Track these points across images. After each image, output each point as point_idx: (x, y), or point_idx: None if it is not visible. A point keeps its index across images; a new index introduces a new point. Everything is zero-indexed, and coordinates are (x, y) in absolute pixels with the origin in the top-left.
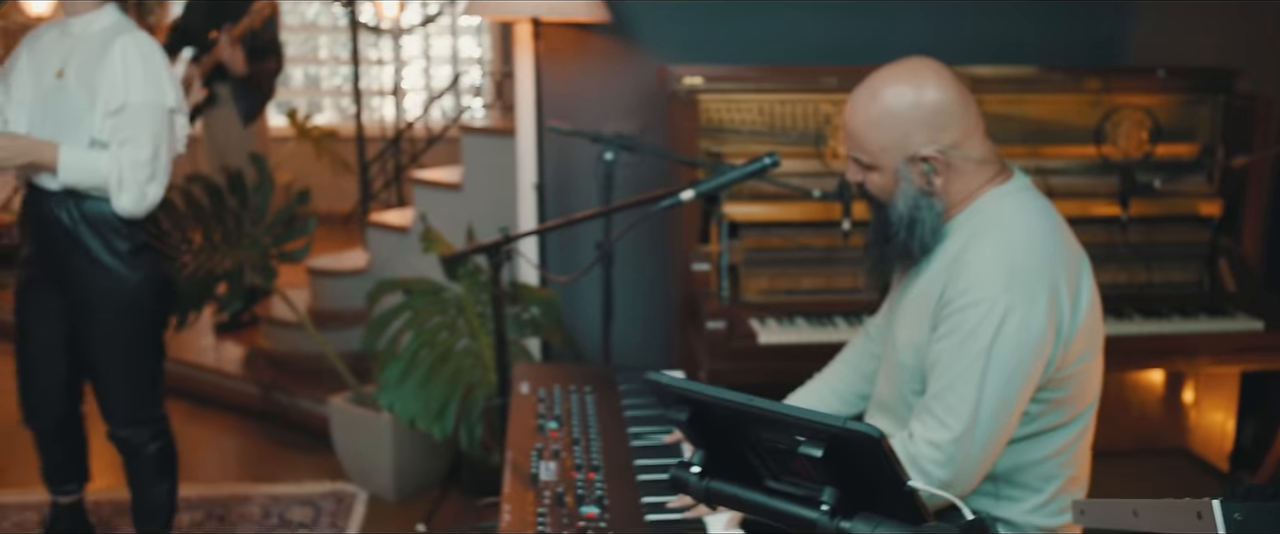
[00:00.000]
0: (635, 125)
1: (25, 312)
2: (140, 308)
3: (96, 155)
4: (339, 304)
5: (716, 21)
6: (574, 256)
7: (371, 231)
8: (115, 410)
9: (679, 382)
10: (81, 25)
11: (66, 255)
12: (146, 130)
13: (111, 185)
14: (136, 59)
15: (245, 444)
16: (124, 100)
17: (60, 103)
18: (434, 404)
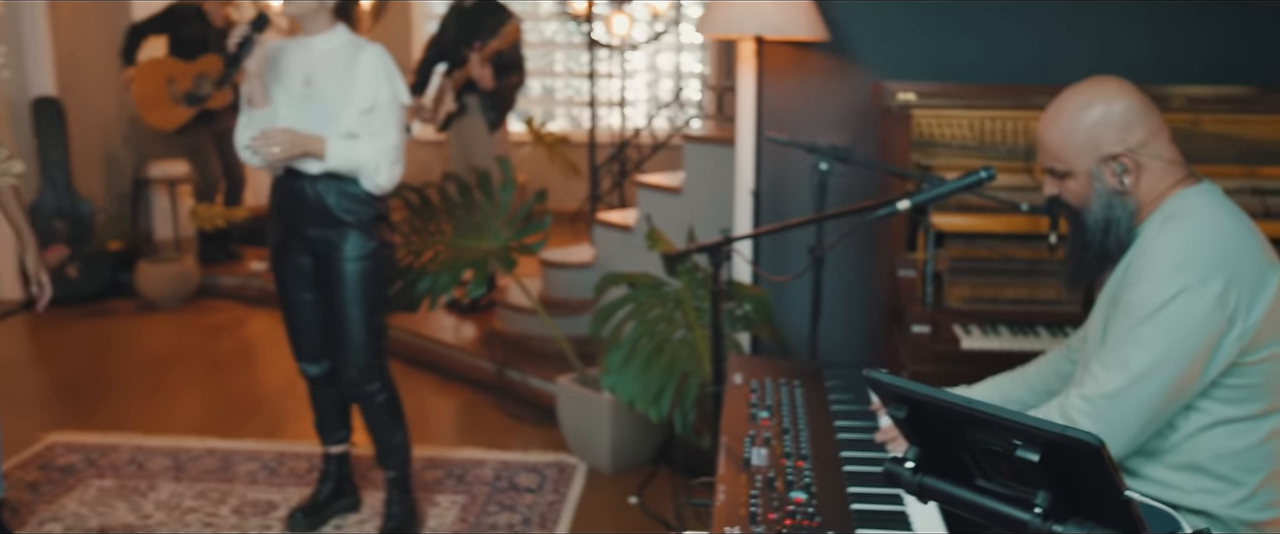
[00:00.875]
0: (847, 138)
1: (284, 279)
2: (377, 268)
3: (354, 144)
4: (567, 293)
5: (929, 41)
6: (784, 258)
7: (598, 229)
8: (352, 360)
9: (899, 381)
10: (321, 41)
11: (322, 227)
12: (392, 123)
13: (367, 168)
14: (382, 67)
15: (480, 414)
16: (375, 99)
17: (311, 104)
18: (652, 388)
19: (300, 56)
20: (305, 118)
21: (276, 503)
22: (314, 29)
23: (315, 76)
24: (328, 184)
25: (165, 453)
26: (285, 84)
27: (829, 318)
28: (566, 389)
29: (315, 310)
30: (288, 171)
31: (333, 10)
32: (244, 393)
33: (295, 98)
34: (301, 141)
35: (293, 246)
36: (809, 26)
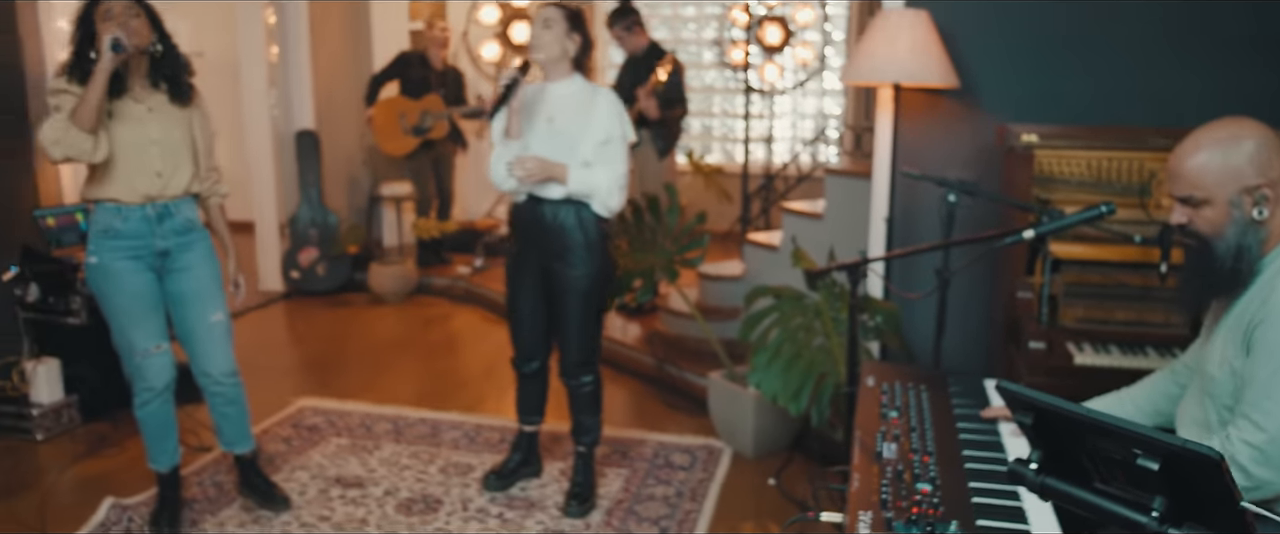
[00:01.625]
0: (973, 173)
1: (517, 289)
2: (600, 281)
3: (591, 171)
4: (720, 301)
5: (1049, 85)
6: (913, 277)
7: (747, 248)
8: (573, 357)
9: (1027, 390)
10: (561, 86)
11: (557, 244)
12: (622, 155)
13: (601, 192)
14: (616, 107)
15: (643, 402)
16: (610, 133)
17: (553, 139)
18: (792, 386)
19: (544, 99)
20: (548, 149)
21: (474, 466)
22: (555, 76)
23: (556, 116)
24: (566, 208)
25: (388, 419)
26: (532, 122)
27: (951, 331)
28: (717, 383)
29: (539, 318)
30: (529, 196)
31: (572, 61)
32: (450, 374)
33: (539, 133)
34: (549, 167)
35: (529, 261)
36: (942, 74)
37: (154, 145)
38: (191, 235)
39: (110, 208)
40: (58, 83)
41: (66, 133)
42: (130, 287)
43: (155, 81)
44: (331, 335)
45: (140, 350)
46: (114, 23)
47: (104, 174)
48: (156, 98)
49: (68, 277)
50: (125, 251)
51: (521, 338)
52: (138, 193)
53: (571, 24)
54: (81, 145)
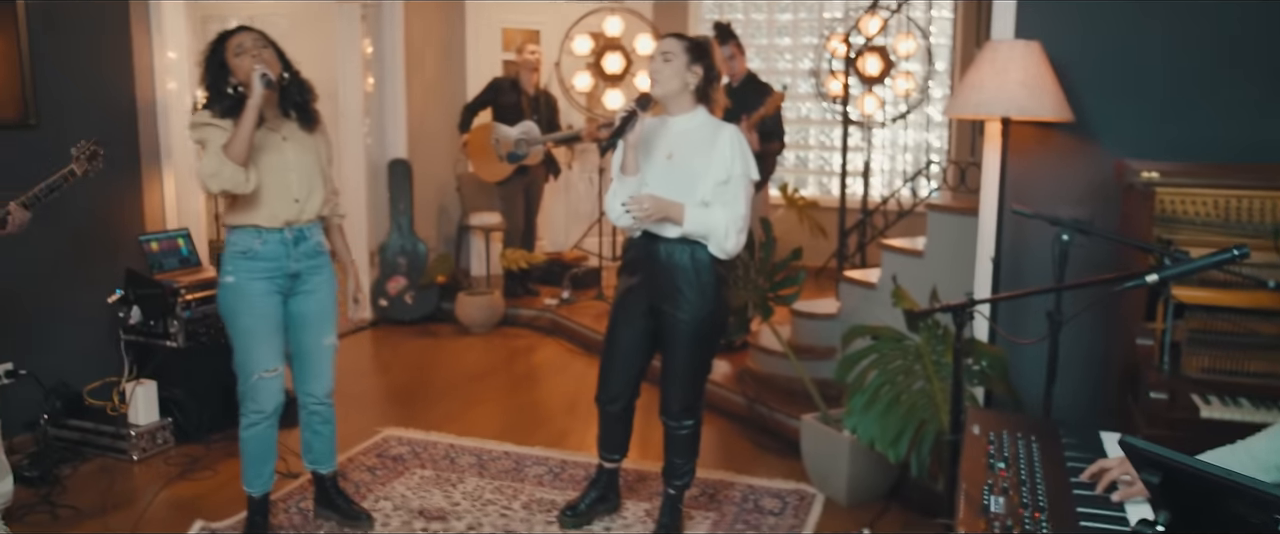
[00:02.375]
0: (1086, 211)
1: (619, 323)
2: (711, 325)
3: (708, 211)
4: (813, 340)
5: (1171, 121)
6: (1021, 319)
7: (843, 285)
8: (675, 399)
9: (1155, 448)
10: (682, 121)
11: (669, 285)
12: (742, 195)
13: (718, 233)
14: (738, 145)
15: (732, 442)
16: (730, 173)
17: (672, 176)
18: (891, 432)
19: (663, 134)
20: (666, 187)
21: (557, 502)
22: (676, 110)
23: (676, 151)
24: (681, 248)
25: (472, 452)
26: (651, 157)
27: (1063, 379)
28: (810, 426)
29: (636, 359)
30: (645, 234)
31: (695, 94)
32: (534, 407)
33: (658, 169)
34: (664, 206)
35: (638, 299)
36: (1055, 108)
37: (292, 172)
38: (320, 258)
39: (250, 231)
40: (200, 117)
41: (222, 166)
42: (260, 307)
43: (285, 110)
44: (417, 365)
45: (259, 371)
46: (248, 56)
47: (247, 202)
48: (289, 126)
49: (168, 301)
50: (261, 273)
51: (612, 376)
52: (278, 218)
53: (693, 56)
54: (236, 178)
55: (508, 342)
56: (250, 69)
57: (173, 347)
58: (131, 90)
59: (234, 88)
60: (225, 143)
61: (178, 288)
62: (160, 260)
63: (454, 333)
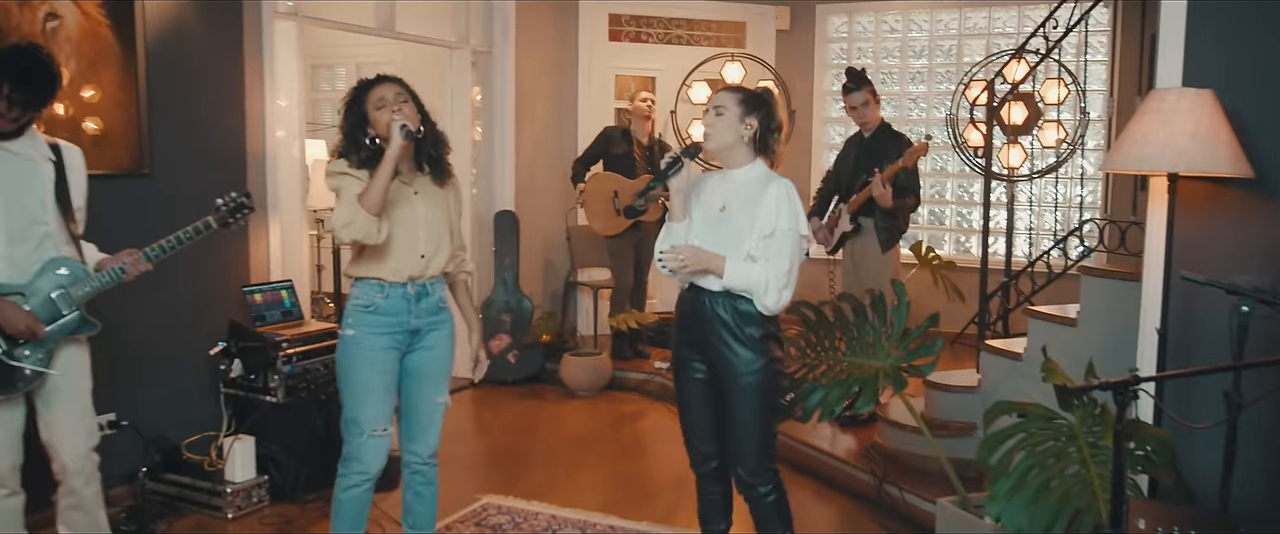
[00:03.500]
0: (1269, 279)
1: (682, 380)
2: (766, 381)
3: (750, 266)
4: (949, 415)
5: None
6: (1191, 399)
7: (984, 355)
8: (745, 464)
9: None
10: (740, 174)
11: (717, 338)
12: (787, 251)
13: (759, 288)
14: (785, 198)
15: (857, 525)
16: (774, 226)
17: (724, 228)
18: (1041, 522)
19: (721, 186)
20: (717, 240)
21: None
22: (733, 163)
23: (730, 204)
24: (726, 301)
25: (575, 524)
26: (705, 208)
27: (1243, 468)
28: (947, 511)
29: (707, 413)
30: (691, 286)
31: (751, 146)
32: (641, 478)
33: (712, 221)
34: (704, 259)
35: (691, 354)
36: (1231, 162)
37: (421, 226)
38: (442, 314)
39: (374, 285)
40: (337, 166)
41: (356, 215)
42: (377, 363)
43: (419, 163)
44: (519, 428)
45: (368, 430)
46: (389, 109)
47: (373, 254)
48: (421, 179)
49: (270, 354)
50: (382, 328)
51: (691, 434)
52: (402, 273)
53: (747, 108)
54: (369, 228)
55: (614, 406)
56: (389, 122)
57: (272, 401)
58: (242, 138)
59: (371, 140)
60: (361, 192)
61: (280, 341)
62: (263, 312)
63: (558, 395)
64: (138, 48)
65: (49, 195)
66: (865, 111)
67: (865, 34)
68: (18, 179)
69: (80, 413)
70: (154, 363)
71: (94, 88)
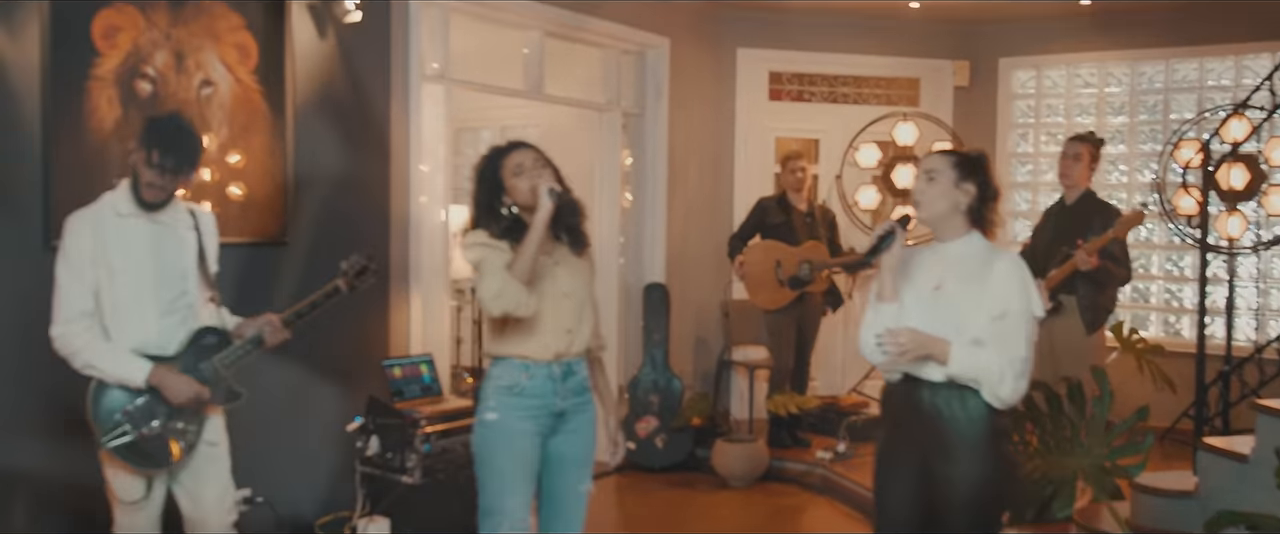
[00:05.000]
0: None
1: (886, 482)
2: (990, 490)
3: (979, 351)
4: (1162, 523)
5: None
6: None
7: (1202, 455)
8: None
9: None
10: (955, 247)
11: (936, 438)
12: (1022, 334)
13: (991, 377)
14: (1017, 275)
15: None
16: (1006, 307)
17: (939, 308)
18: None
19: (932, 261)
20: (932, 321)
21: None
22: (947, 235)
23: (945, 281)
24: (948, 393)
25: None
26: (915, 286)
27: None
28: None
29: (913, 522)
30: (905, 376)
31: (967, 216)
32: None
33: (924, 300)
34: (926, 343)
35: (902, 453)
36: None
37: (566, 299)
38: (586, 395)
39: (517, 364)
40: (476, 237)
41: (506, 286)
42: (520, 448)
43: (557, 232)
44: (666, 519)
45: (509, 523)
46: (529, 175)
47: (517, 330)
48: (560, 249)
49: (408, 432)
50: (526, 411)
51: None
52: (548, 349)
53: (962, 172)
54: (520, 298)
55: (771, 499)
56: (528, 190)
57: (409, 482)
58: (385, 206)
59: (509, 208)
60: (510, 261)
61: (418, 419)
62: (402, 388)
63: (710, 484)
64: (287, 114)
65: (193, 263)
66: (1075, 166)
67: (1055, 89)
68: (167, 249)
69: (223, 487)
70: (289, 437)
71: (242, 154)
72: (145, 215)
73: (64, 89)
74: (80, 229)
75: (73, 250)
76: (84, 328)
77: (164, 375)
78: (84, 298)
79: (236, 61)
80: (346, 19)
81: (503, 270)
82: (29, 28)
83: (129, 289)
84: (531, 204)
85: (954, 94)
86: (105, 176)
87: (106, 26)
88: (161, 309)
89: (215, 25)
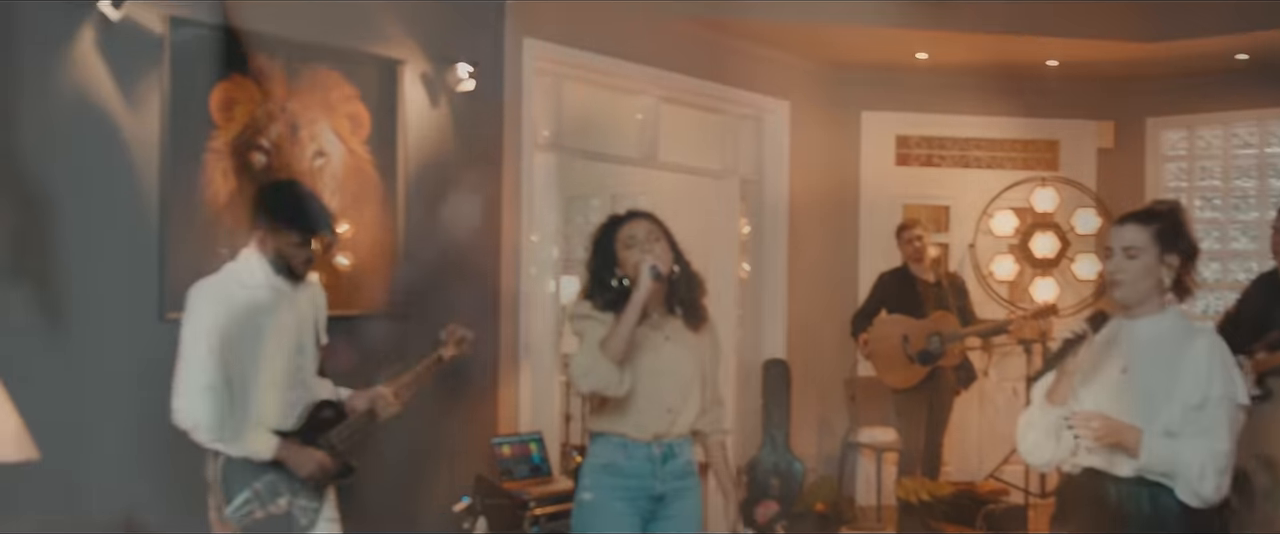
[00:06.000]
0: None
1: None
2: None
3: (1175, 443)
4: None
5: None
6: None
7: None
8: None
9: None
10: (1147, 326)
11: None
12: (1224, 424)
13: (1191, 474)
14: (1218, 358)
15: None
16: (1206, 394)
17: (1126, 393)
18: None
19: (1120, 340)
20: (1118, 408)
21: None
22: (1140, 312)
23: (1134, 364)
24: (1139, 490)
25: None
26: (1098, 370)
27: None
28: None
29: None
30: (1086, 470)
31: (1166, 290)
32: None
33: (1108, 384)
34: (1117, 430)
35: None
36: None
37: (669, 377)
38: (689, 479)
39: (615, 442)
40: (581, 308)
41: (597, 364)
42: (616, 531)
43: (671, 306)
44: None
45: None
46: (639, 248)
47: (616, 408)
48: (672, 324)
49: (516, 513)
50: (623, 492)
51: None
52: (647, 429)
53: (1165, 242)
54: (609, 378)
55: None
56: (638, 262)
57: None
58: (495, 277)
59: (619, 281)
60: (603, 338)
61: (527, 500)
62: (511, 467)
63: None
64: (398, 184)
65: (310, 336)
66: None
67: (1210, 150)
68: (288, 322)
69: None
70: (394, 516)
71: (351, 224)
72: (272, 287)
73: (182, 162)
74: (205, 300)
75: (197, 321)
76: (208, 400)
77: (290, 450)
78: (209, 370)
79: (349, 132)
80: (459, 88)
81: (596, 346)
82: (150, 101)
83: (252, 361)
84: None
85: (1097, 156)
86: (217, 247)
87: (224, 99)
88: (289, 382)
89: (329, 96)
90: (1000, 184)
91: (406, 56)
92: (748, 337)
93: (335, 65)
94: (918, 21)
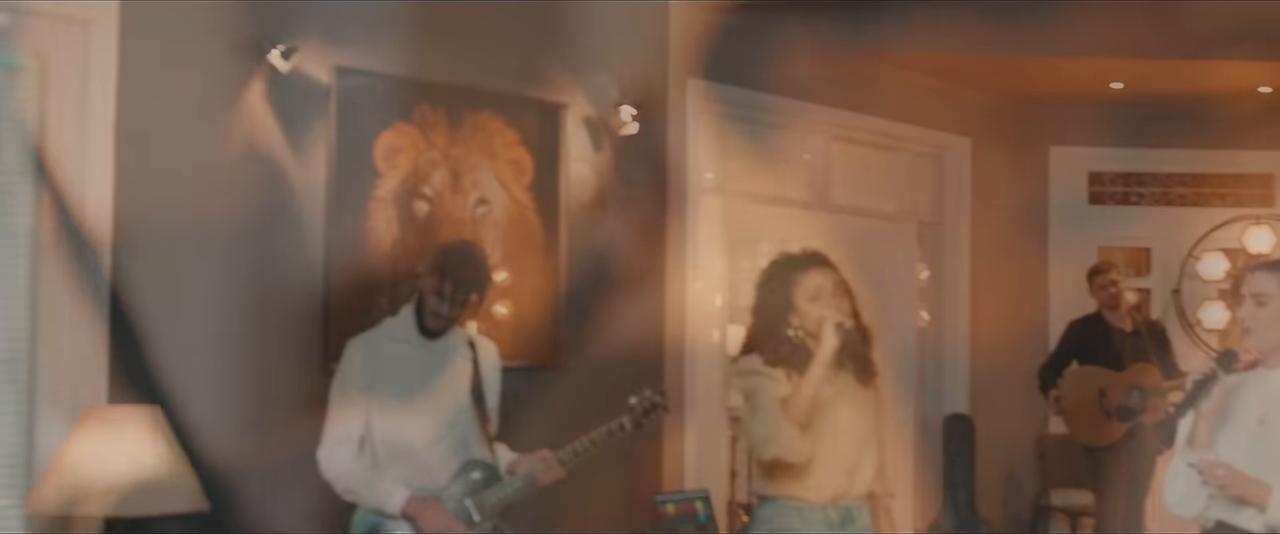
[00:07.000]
0: None
1: None
2: None
3: None
4: None
5: None
6: None
7: None
8: None
9: None
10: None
11: None
12: None
13: None
14: None
15: None
16: None
17: (1262, 446)
18: None
19: (1257, 390)
20: (1252, 461)
21: None
22: (1277, 362)
23: (1270, 415)
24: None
25: None
26: (1235, 419)
27: None
28: None
29: None
30: (1219, 523)
31: None
32: None
33: (1243, 436)
34: (1243, 482)
35: None
36: None
37: (847, 435)
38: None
39: (790, 507)
40: (750, 363)
41: (779, 429)
42: None
43: (841, 361)
44: None
45: None
46: (824, 303)
47: (789, 470)
48: (843, 378)
49: None
50: None
51: None
52: (824, 492)
53: None
54: (793, 444)
55: None
56: (821, 318)
57: None
58: (660, 328)
59: (796, 332)
60: (784, 396)
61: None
62: (675, 526)
63: None
64: (560, 233)
65: (465, 394)
66: None
67: None
68: (440, 378)
69: None
70: None
71: (511, 273)
72: (421, 343)
73: (348, 212)
74: (357, 354)
75: (347, 374)
76: (350, 452)
77: (421, 506)
78: (353, 422)
79: (511, 178)
80: (622, 131)
81: (776, 409)
82: (316, 152)
83: (399, 416)
84: (819, 332)
85: None
86: (379, 298)
87: (388, 148)
88: (431, 438)
89: (491, 142)
90: (1207, 223)
91: (569, 100)
92: (927, 391)
93: (497, 111)
94: (1111, 49)
